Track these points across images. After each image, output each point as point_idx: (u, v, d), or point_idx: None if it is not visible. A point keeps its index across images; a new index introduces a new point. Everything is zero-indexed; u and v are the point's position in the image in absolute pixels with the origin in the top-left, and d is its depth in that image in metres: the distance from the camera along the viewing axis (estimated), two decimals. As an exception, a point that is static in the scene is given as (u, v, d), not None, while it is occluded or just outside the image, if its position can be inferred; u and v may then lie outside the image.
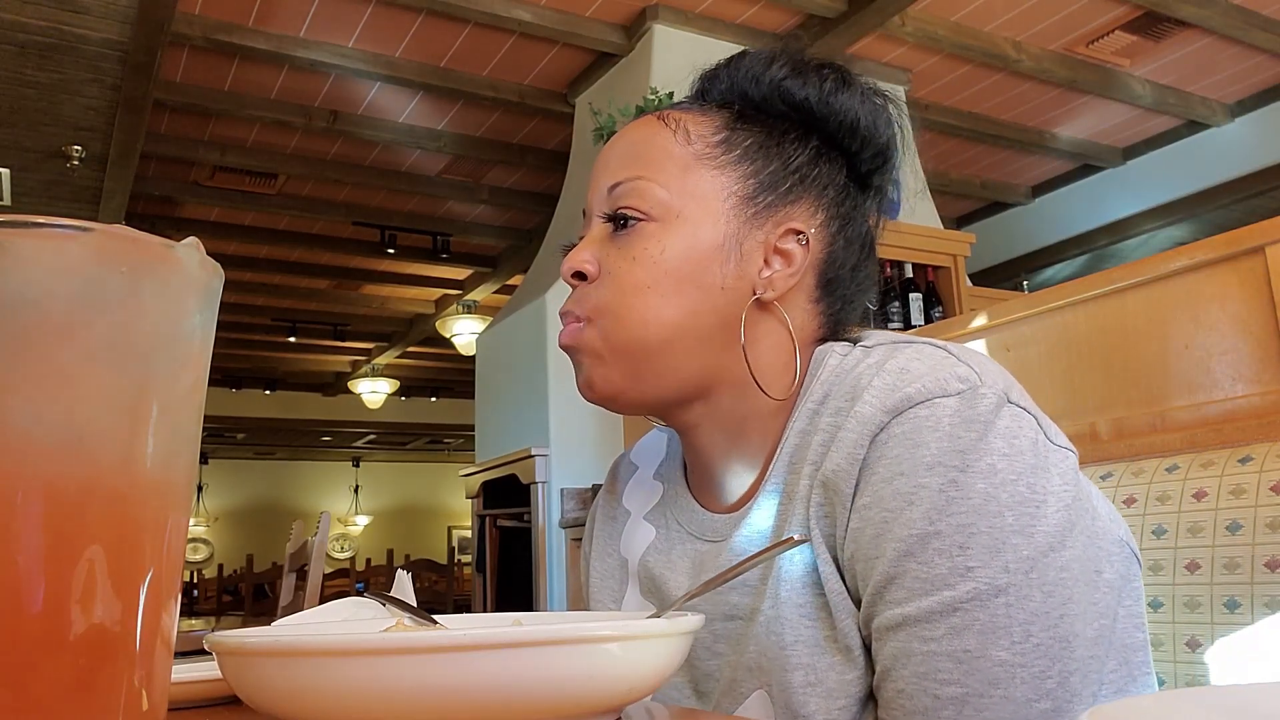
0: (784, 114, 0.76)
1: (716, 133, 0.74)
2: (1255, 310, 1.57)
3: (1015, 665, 0.57)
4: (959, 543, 0.59)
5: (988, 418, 0.61)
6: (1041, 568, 0.59)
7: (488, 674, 0.41)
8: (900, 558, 0.60)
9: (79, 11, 3.50)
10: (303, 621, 0.71)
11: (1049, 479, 0.61)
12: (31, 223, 0.32)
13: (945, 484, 0.60)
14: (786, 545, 0.57)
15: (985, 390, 0.62)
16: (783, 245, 0.73)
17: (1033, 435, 0.62)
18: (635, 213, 0.72)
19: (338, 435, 12.89)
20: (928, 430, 0.61)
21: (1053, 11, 4.36)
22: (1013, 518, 0.59)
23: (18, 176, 4.74)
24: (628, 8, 4.24)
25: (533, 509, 4.16)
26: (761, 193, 0.73)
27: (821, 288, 0.75)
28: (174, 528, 0.36)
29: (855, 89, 0.76)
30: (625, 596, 0.83)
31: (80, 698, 0.32)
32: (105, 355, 0.33)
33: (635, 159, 0.74)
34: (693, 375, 0.72)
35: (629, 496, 0.86)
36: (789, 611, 0.66)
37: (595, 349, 0.72)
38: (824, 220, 0.74)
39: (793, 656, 0.65)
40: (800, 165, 0.74)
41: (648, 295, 0.70)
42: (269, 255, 7.26)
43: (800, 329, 0.74)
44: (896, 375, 0.64)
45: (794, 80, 0.75)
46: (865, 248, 0.78)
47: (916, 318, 3.88)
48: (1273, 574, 0.77)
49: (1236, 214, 5.24)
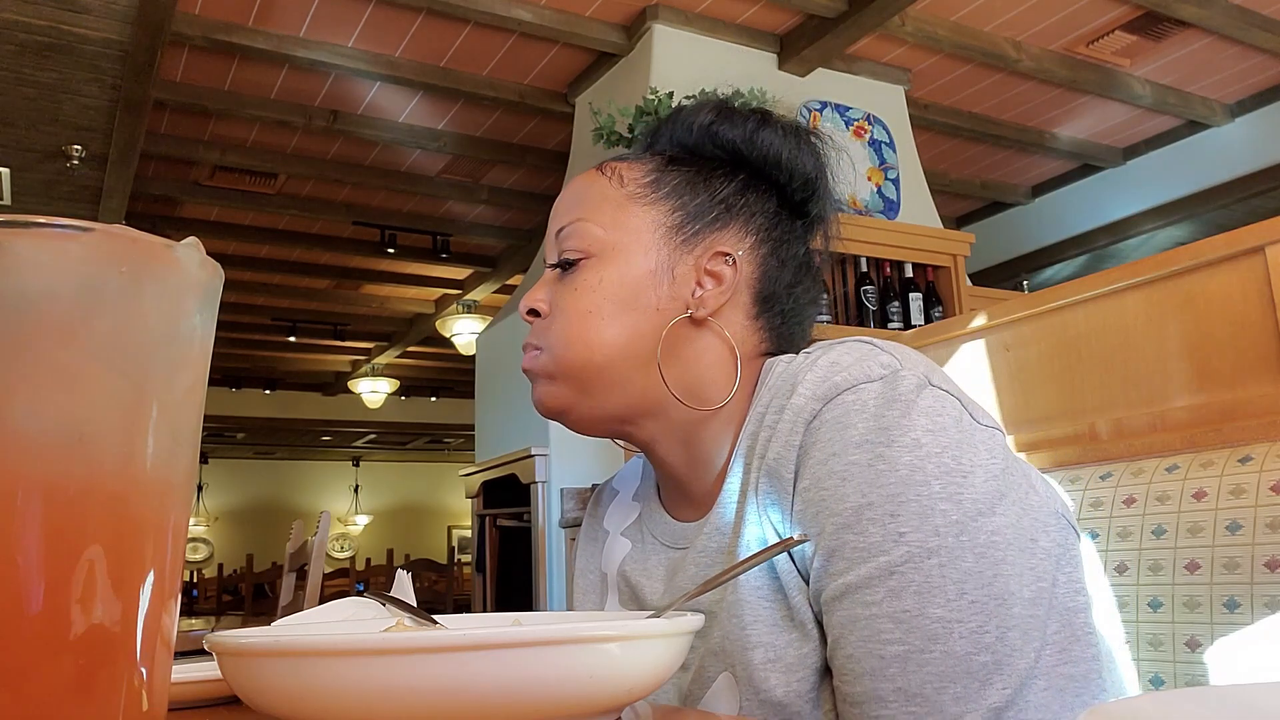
0: (715, 155, 0.84)
1: (647, 175, 0.83)
2: (1255, 310, 1.57)
3: (952, 621, 0.61)
4: (890, 511, 0.63)
5: (909, 398, 0.66)
6: (972, 531, 0.63)
7: (488, 674, 0.41)
8: (838, 530, 0.65)
9: (79, 11, 3.50)
10: (303, 621, 0.71)
11: (975, 453, 0.66)
12: (31, 223, 0.32)
13: (873, 459, 0.64)
14: (787, 545, 0.59)
15: (906, 373, 0.68)
16: (712, 267, 0.80)
17: (955, 414, 0.67)
18: (576, 252, 0.80)
19: (338, 435, 12.89)
20: (855, 413, 0.67)
21: (1053, 11, 4.36)
22: (939, 486, 0.63)
23: (18, 176, 4.74)
24: (628, 8, 4.24)
25: (532, 509, 4.16)
26: (689, 222, 0.80)
27: (759, 304, 0.81)
28: (174, 528, 0.36)
29: (775, 127, 0.84)
30: (606, 605, 0.89)
31: (80, 698, 0.32)
32: (105, 355, 0.33)
33: (576, 204, 0.83)
34: (637, 391, 0.78)
35: (609, 518, 0.93)
36: (747, 594, 0.70)
37: (547, 371, 0.79)
38: (754, 243, 0.82)
39: (752, 635, 0.69)
40: (727, 196, 0.82)
41: (589, 320, 0.77)
42: (269, 255, 7.26)
43: (742, 342, 0.80)
44: (827, 368, 0.70)
45: (721, 124, 0.84)
46: (802, 268, 0.84)
47: (916, 318, 3.88)
48: (1273, 574, 0.77)
49: (1236, 214, 5.24)
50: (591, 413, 0.79)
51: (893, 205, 4.27)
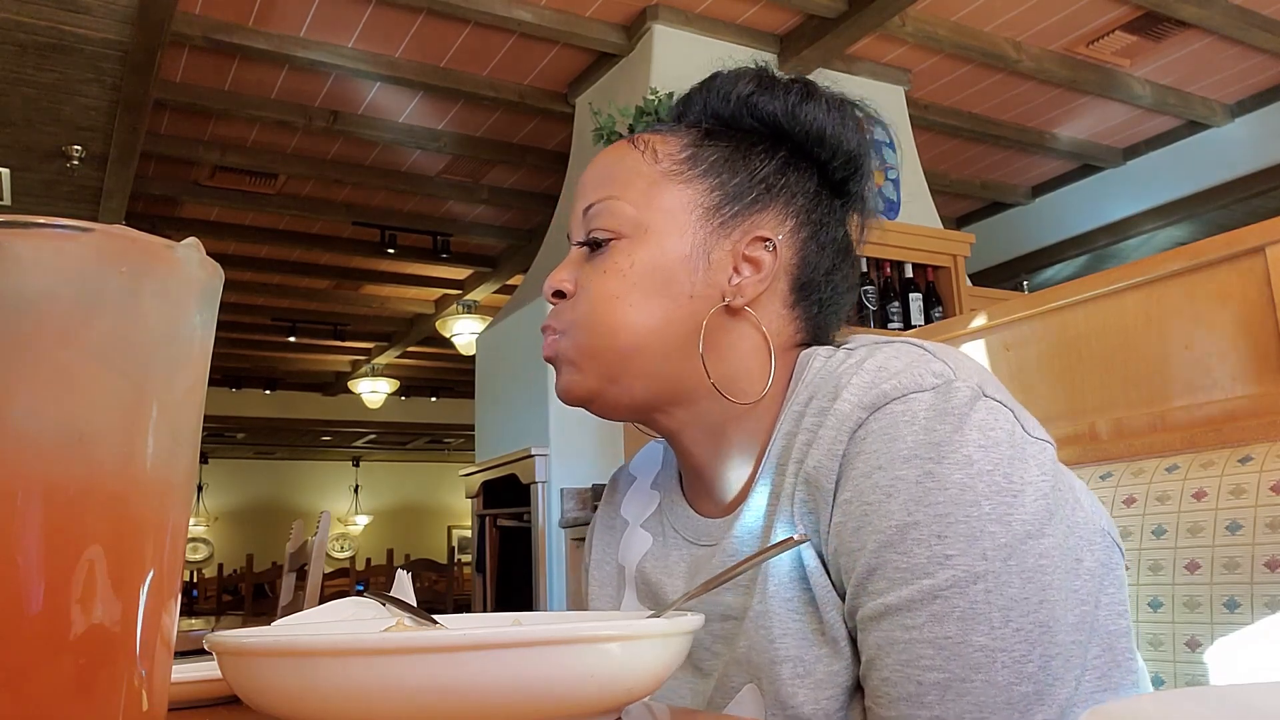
0: (753, 128, 0.79)
1: (683, 150, 0.77)
2: (1255, 310, 1.57)
3: (995, 650, 0.59)
4: (936, 532, 0.60)
5: (962, 411, 0.63)
6: (1020, 555, 0.60)
7: (488, 674, 0.41)
8: (880, 549, 0.62)
9: (79, 11, 3.50)
10: (303, 621, 0.71)
11: (1026, 469, 0.62)
12: (31, 223, 0.32)
13: (921, 475, 0.61)
14: (787, 545, 0.58)
15: (960, 384, 0.64)
16: (750, 252, 0.75)
17: (1009, 427, 0.64)
18: (606, 232, 0.75)
19: (338, 435, 12.89)
20: (904, 424, 0.63)
21: (1053, 11, 4.36)
22: (989, 506, 0.60)
23: (18, 176, 4.74)
24: (628, 8, 4.24)
25: (533, 509, 4.16)
26: (727, 203, 0.75)
27: (796, 292, 0.77)
28: (174, 528, 0.36)
29: (820, 99, 0.79)
30: (623, 601, 0.85)
31: (80, 698, 0.32)
32: (105, 355, 0.33)
33: (607, 180, 0.78)
34: (666, 381, 0.74)
35: (627, 506, 0.89)
36: (777, 606, 0.67)
37: (570, 357, 0.75)
38: (794, 226, 0.77)
39: (781, 649, 0.66)
40: (767, 175, 0.77)
41: (617, 304, 0.73)
42: (269, 255, 7.26)
43: (777, 334, 0.76)
44: (874, 373, 0.66)
45: (761, 95, 0.78)
46: (841, 252, 0.80)
47: (916, 318, 3.88)
48: (1273, 574, 0.77)
49: (1236, 214, 5.24)
50: (617, 400, 0.75)
51: (893, 205, 4.28)
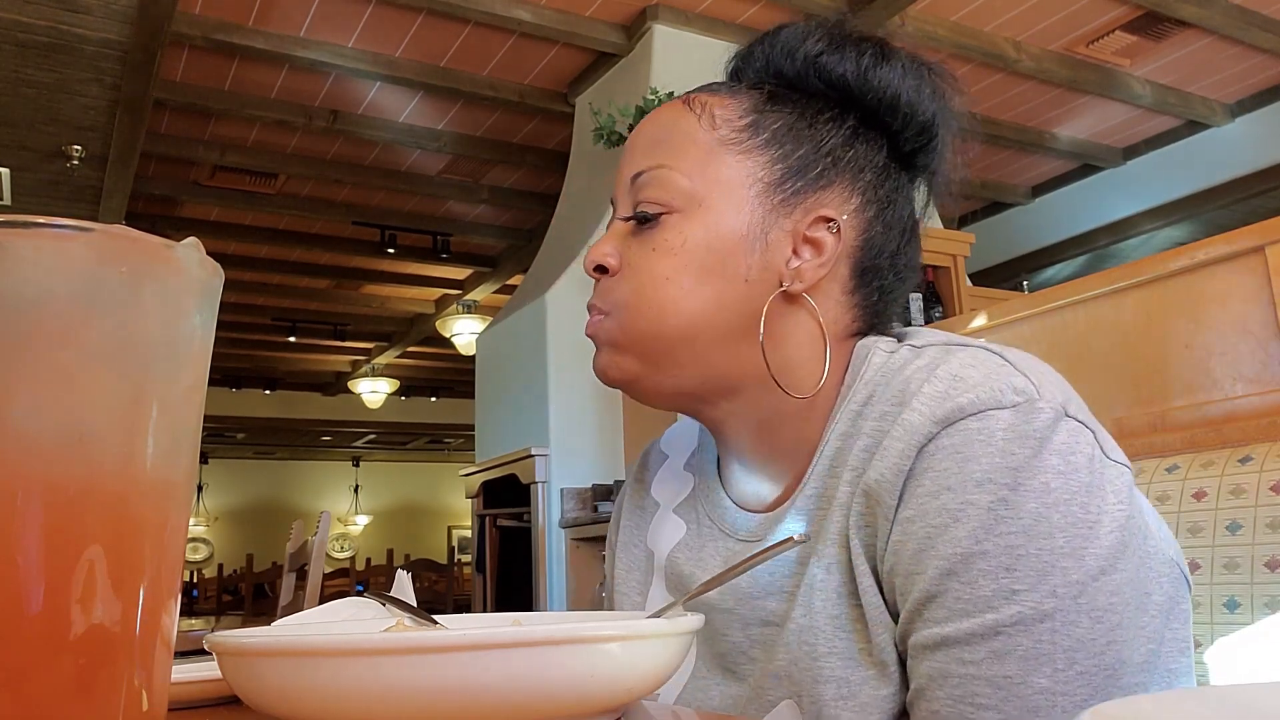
0: (820, 92, 0.72)
1: (744, 116, 0.71)
2: (1255, 310, 1.57)
3: (1057, 694, 0.55)
4: (1005, 564, 0.56)
5: (1044, 433, 0.58)
6: (1091, 592, 0.56)
7: (488, 674, 0.41)
8: (943, 576, 0.58)
9: (79, 11, 3.50)
10: (303, 621, 0.70)
11: (1104, 498, 0.58)
12: (31, 223, 0.32)
13: (995, 502, 0.57)
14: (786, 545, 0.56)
15: (1043, 404, 0.59)
16: (812, 234, 0.69)
17: (1089, 451, 0.59)
18: (656, 205, 0.69)
19: (338, 435, 12.89)
20: (979, 444, 0.58)
21: (1053, 11, 4.36)
22: (1063, 540, 0.56)
23: (18, 176, 4.74)
24: (628, 8, 4.24)
25: (533, 509, 4.16)
26: (790, 178, 0.69)
27: (857, 277, 0.71)
28: (174, 528, 0.36)
29: (896, 62, 0.71)
30: (651, 590, 0.80)
31: (80, 698, 0.32)
32: (105, 355, 0.33)
33: (658, 146, 0.71)
34: (715, 370, 0.69)
35: (658, 487, 0.84)
36: (823, 622, 0.63)
37: (615, 339, 0.70)
38: (859, 205, 0.70)
39: (825, 669, 0.63)
40: (834, 147, 0.70)
41: (666, 287, 0.68)
42: (269, 255, 7.26)
43: (833, 322, 0.70)
44: (949, 383, 0.61)
45: (831, 55, 0.71)
46: (906, 232, 0.73)
47: (916, 318, 3.87)
48: (1273, 574, 0.77)
49: (1236, 214, 5.24)
50: (659, 387, 0.71)
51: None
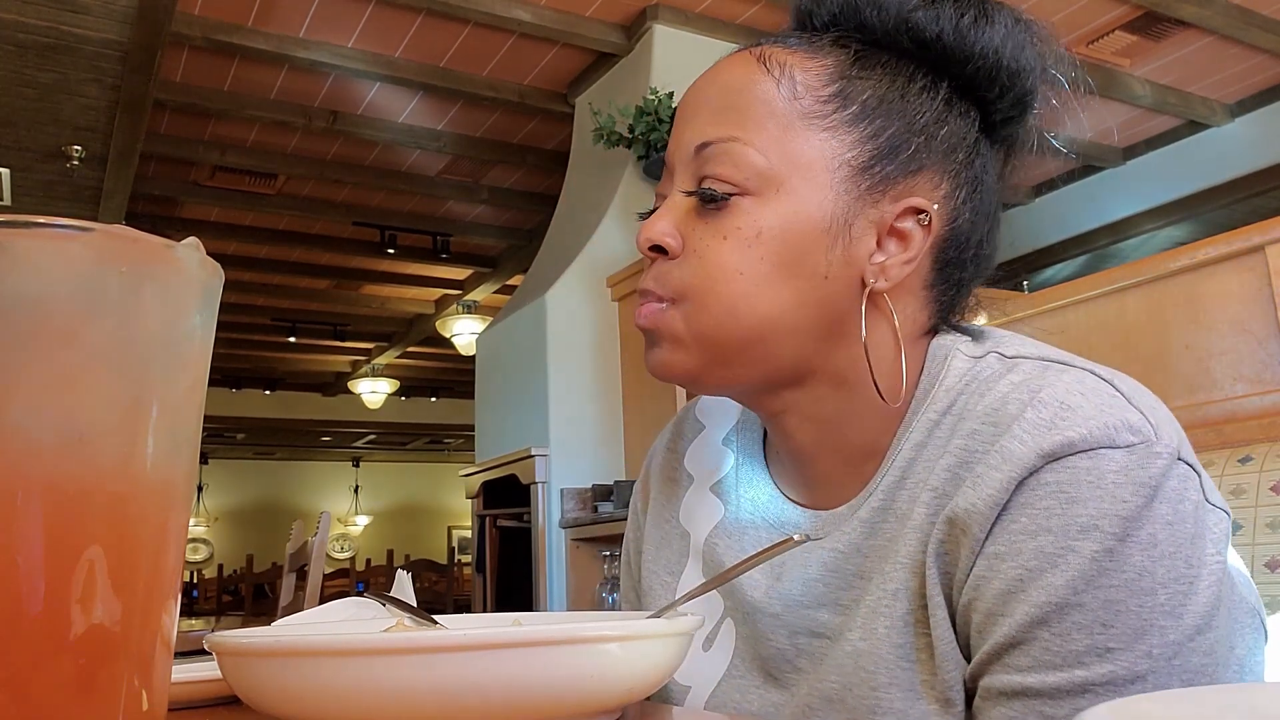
0: (910, 53, 0.64)
1: (829, 83, 0.62)
2: (1255, 310, 1.57)
3: None
4: (1103, 619, 0.52)
5: (1158, 480, 0.54)
6: (1185, 653, 0.53)
7: (488, 674, 0.41)
8: (1033, 624, 0.54)
9: (79, 11, 3.50)
10: (303, 621, 0.71)
11: (1204, 549, 0.54)
12: (31, 223, 0.32)
13: (1100, 552, 0.53)
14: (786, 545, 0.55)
15: (1160, 447, 0.54)
16: (900, 225, 0.62)
17: (1196, 499, 0.55)
18: (727, 185, 0.61)
19: (338, 435, 12.89)
20: (1088, 486, 0.53)
21: (1053, 11, 4.36)
22: (1165, 596, 0.53)
23: (18, 176, 4.74)
24: (628, 8, 4.24)
25: (533, 509, 4.15)
26: (879, 161, 0.61)
27: (937, 270, 0.65)
28: (174, 528, 0.36)
29: (1000, 22, 0.63)
30: (684, 572, 0.74)
31: (80, 698, 0.32)
32: (105, 355, 0.33)
33: (730, 112, 0.63)
34: (784, 366, 0.63)
35: (692, 459, 0.77)
36: (886, 650, 0.59)
37: (676, 334, 0.63)
38: (949, 190, 0.63)
39: (884, 700, 0.58)
40: (927, 124, 0.63)
41: (739, 281, 0.60)
42: (269, 255, 7.26)
43: (909, 320, 0.64)
44: (1056, 410, 0.55)
45: (927, 11, 0.62)
46: (993, 216, 0.68)
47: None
48: (1273, 574, 0.77)
49: (1236, 214, 5.24)
50: (721, 382, 0.65)
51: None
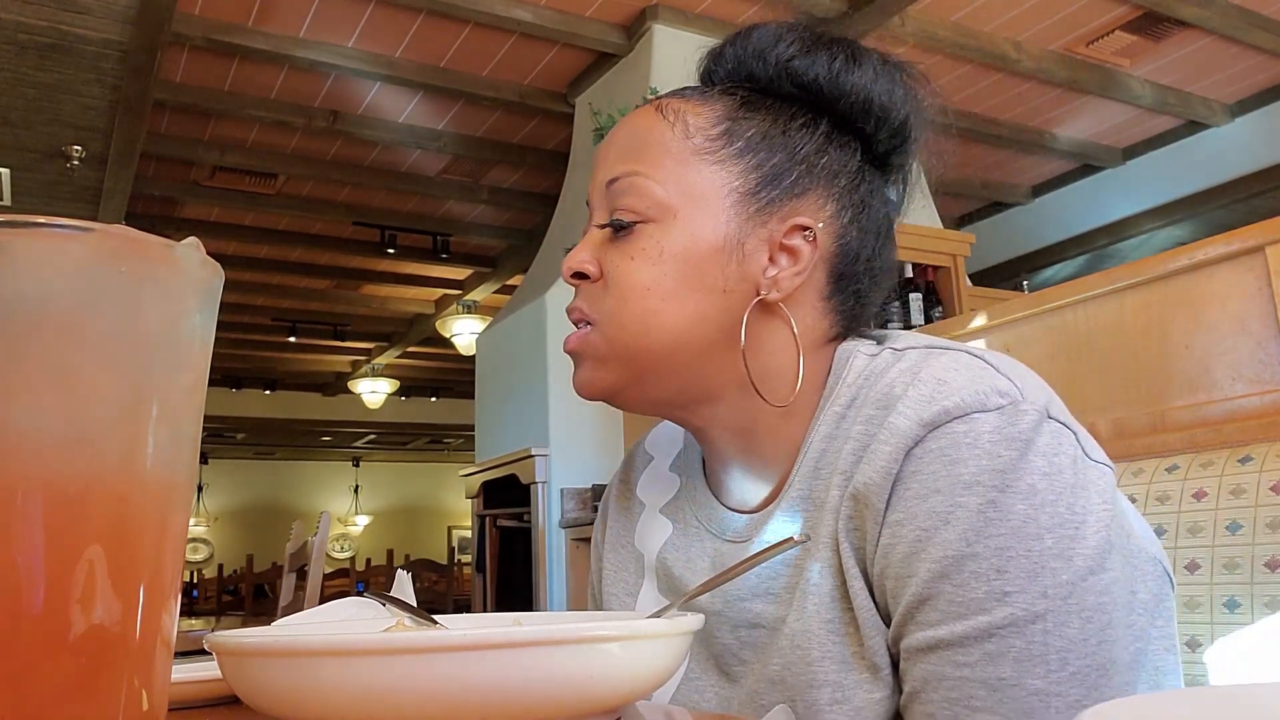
0: (792, 96, 0.72)
1: (717, 124, 0.71)
2: (1255, 310, 1.57)
3: (1050, 694, 0.56)
4: (996, 566, 0.57)
5: (1028, 435, 0.59)
6: (1080, 593, 0.57)
7: (488, 674, 0.41)
8: (934, 579, 0.58)
9: (79, 11, 3.50)
10: (303, 621, 0.71)
11: (1088, 498, 0.59)
12: (31, 223, 0.32)
13: (984, 504, 0.58)
14: (786, 545, 0.57)
15: (1026, 406, 0.60)
16: (788, 242, 0.69)
17: (1072, 452, 0.60)
18: (632, 214, 0.69)
19: (338, 435, 12.89)
20: (966, 447, 0.59)
21: (1053, 11, 4.36)
22: (1052, 540, 0.57)
23: (18, 176, 4.74)
24: (628, 8, 4.24)
25: (533, 509, 4.16)
26: (764, 187, 0.69)
27: (834, 283, 0.72)
28: (174, 528, 0.36)
29: (868, 65, 0.72)
30: (641, 591, 0.81)
31: (80, 698, 0.32)
32: (105, 355, 0.33)
33: (633, 153, 0.71)
34: (696, 379, 0.70)
35: (644, 488, 0.84)
36: (816, 626, 0.64)
37: (599, 353, 0.70)
38: (834, 211, 0.71)
39: (819, 673, 0.63)
40: (808, 154, 0.71)
41: (648, 297, 0.68)
42: (269, 255, 7.26)
43: (811, 329, 0.71)
44: (933, 386, 0.62)
45: (802, 59, 0.71)
46: (881, 235, 0.74)
47: (916, 318, 3.88)
48: (1273, 574, 0.77)
49: (1236, 214, 5.24)
50: (641, 396, 0.72)
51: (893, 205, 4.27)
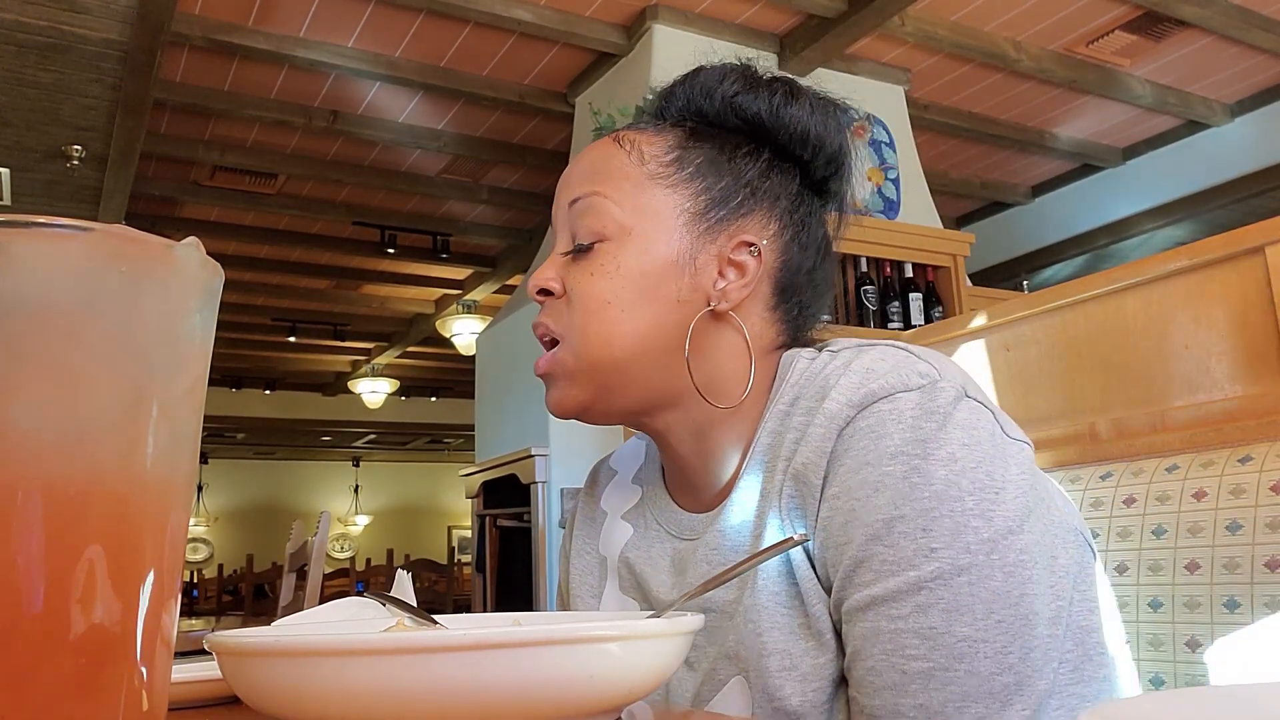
0: (737, 128, 0.80)
1: (669, 152, 0.78)
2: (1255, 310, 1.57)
3: (978, 641, 0.61)
4: (922, 525, 0.62)
5: (947, 410, 0.65)
6: (1002, 549, 0.62)
7: (488, 674, 0.41)
8: (867, 542, 0.64)
9: (79, 11, 3.50)
10: (303, 621, 0.71)
11: (1007, 468, 0.65)
12: (31, 223, 0.32)
13: (908, 471, 0.63)
14: (787, 545, 0.58)
15: (944, 385, 0.67)
16: (735, 257, 0.76)
17: (990, 427, 0.66)
18: (592, 234, 0.76)
19: (338, 435, 12.88)
20: (891, 422, 0.65)
21: (1053, 11, 4.36)
22: (973, 502, 0.63)
23: (18, 176, 4.74)
24: (628, 8, 4.24)
25: (532, 509, 4.16)
26: (713, 208, 0.76)
27: (778, 295, 0.79)
28: (174, 528, 0.36)
29: (804, 100, 0.80)
30: (604, 592, 0.86)
31: (80, 698, 0.32)
32: (105, 355, 0.33)
33: (593, 177, 0.78)
34: (656, 387, 0.76)
35: (607, 498, 0.90)
36: (765, 599, 0.69)
37: (568, 369, 0.76)
38: (777, 230, 0.78)
39: (769, 642, 0.68)
40: (752, 178, 0.78)
41: (608, 310, 0.74)
42: (269, 255, 7.25)
43: (758, 336, 0.77)
44: (862, 374, 0.68)
45: (745, 95, 0.79)
46: (820, 251, 0.82)
47: (916, 318, 3.88)
48: (1273, 574, 0.77)
49: (1236, 214, 5.24)
50: (609, 408, 0.77)
51: (893, 205, 4.27)
